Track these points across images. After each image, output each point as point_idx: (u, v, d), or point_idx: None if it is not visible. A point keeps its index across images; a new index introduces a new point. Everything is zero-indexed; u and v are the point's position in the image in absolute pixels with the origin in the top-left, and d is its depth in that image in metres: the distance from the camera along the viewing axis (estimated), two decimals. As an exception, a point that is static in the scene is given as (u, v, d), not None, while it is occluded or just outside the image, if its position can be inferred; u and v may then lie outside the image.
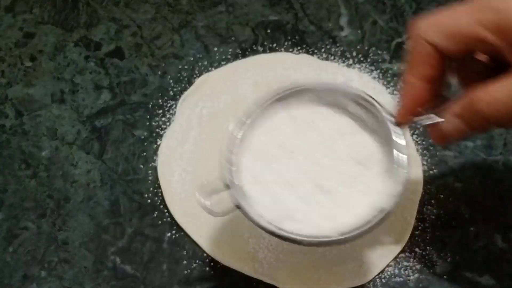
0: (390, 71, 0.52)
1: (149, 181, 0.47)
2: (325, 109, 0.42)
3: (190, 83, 0.52)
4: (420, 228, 0.45)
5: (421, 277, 0.43)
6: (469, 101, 0.36)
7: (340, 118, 0.42)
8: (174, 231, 0.45)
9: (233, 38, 0.55)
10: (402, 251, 0.44)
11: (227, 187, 0.37)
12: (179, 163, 0.48)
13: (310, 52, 0.54)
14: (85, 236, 0.45)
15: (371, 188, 0.39)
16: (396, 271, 0.43)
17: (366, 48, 0.54)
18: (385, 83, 0.52)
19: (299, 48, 0.54)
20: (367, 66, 0.52)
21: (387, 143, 0.40)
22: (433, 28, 0.37)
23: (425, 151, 0.48)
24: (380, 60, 0.53)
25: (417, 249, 0.44)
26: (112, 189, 0.47)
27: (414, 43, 0.38)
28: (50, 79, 0.53)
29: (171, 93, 0.52)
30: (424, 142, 0.48)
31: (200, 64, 0.53)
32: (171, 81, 0.53)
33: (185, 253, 0.44)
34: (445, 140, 0.38)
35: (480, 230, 0.44)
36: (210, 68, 0.53)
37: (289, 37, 0.55)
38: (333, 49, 0.54)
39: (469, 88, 0.36)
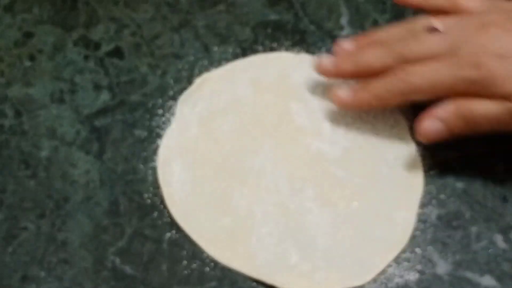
0: (390, 71, 0.52)
1: (149, 181, 0.47)
2: None
3: (190, 83, 0.52)
4: (420, 228, 0.45)
5: (421, 277, 0.43)
6: (457, 109, 0.42)
7: None
8: (174, 231, 0.45)
9: (233, 38, 0.55)
10: (403, 251, 0.44)
11: None
12: (179, 163, 0.47)
13: (311, 52, 0.53)
14: (85, 236, 0.45)
15: None
16: (397, 271, 0.43)
17: (367, 47, 0.54)
18: (386, 83, 0.51)
19: (299, 47, 0.54)
20: (368, 66, 0.52)
21: None
22: None
23: (425, 151, 0.48)
24: (380, 60, 0.53)
25: (417, 249, 0.44)
26: (112, 189, 0.47)
27: None
28: (50, 79, 0.53)
29: (171, 93, 0.52)
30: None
31: (200, 64, 0.53)
32: (171, 81, 0.52)
33: (185, 253, 0.44)
34: (426, 138, 0.44)
35: (481, 230, 0.44)
36: (210, 68, 0.53)
37: (289, 37, 0.55)
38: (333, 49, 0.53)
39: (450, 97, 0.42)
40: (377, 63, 0.45)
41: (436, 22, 0.44)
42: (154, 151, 0.49)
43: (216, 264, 0.44)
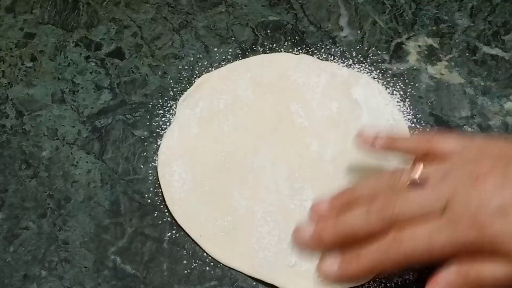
0: (389, 71, 0.52)
1: (149, 181, 0.48)
2: None
3: (190, 83, 0.52)
4: (419, 228, 0.45)
5: (420, 276, 0.43)
6: (464, 278, 0.36)
7: None
8: (174, 231, 0.45)
9: (233, 38, 0.55)
10: (402, 250, 0.44)
11: None
12: (179, 163, 0.48)
13: (310, 52, 0.54)
14: (86, 236, 0.45)
15: None
16: (396, 271, 0.43)
17: (366, 48, 0.54)
18: (385, 83, 0.52)
19: (299, 48, 0.54)
20: (367, 66, 0.53)
21: None
22: None
23: (424, 151, 0.48)
24: (379, 60, 0.53)
25: (416, 249, 0.44)
26: (113, 189, 0.47)
27: None
28: (51, 79, 0.53)
29: (171, 93, 0.52)
30: (423, 142, 0.48)
31: (200, 64, 0.53)
32: (171, 81, 0.53)
33: (185, 253, 0.44)
34: None
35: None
36: (210, 68, 0.53)
37: (289, 37, 0.55)
38: (333, 49, 0.54)
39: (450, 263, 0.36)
40: (362, 229, 0.39)
41: (417, 174, 0.38)
42: (155, 151, 0.49)
43: (216, 264, 0.44)
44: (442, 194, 0.37)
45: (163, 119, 0.51)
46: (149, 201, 0.47)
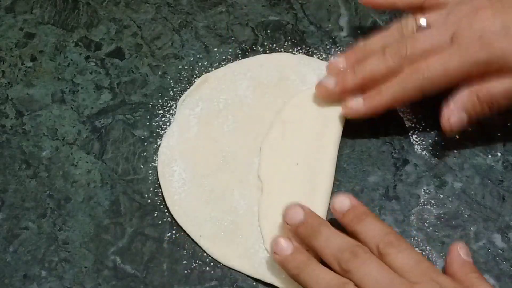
0: (389, 71, 0.52)
1: (149, 181, 0.48)
2: None
3: (190, 83, 0.52)
4: (419, 227, 0.45)
5: (420, 276, 0.43)
6: (476, 96, 0.43)
7: None
8: (174, 231, 0.45)
9: (233, 38, 0.55)
10: (402, 251, 0.44)
11: None
12: (179, 163, 0.48)
13: (310, 52, 0.54)
14: (86, 236, 0.45)
15: None
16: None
17: (366, 48, 0.54)
18: (385, 83, 0.52)
19: (299, 48, 0.54)
20: (367, 66, 0.53)
21: None
22: None
23: (424, 152, 0.48)
24: (379, 60, 0.53)
25: (417, 249, 0.44)
26: (113, 189, 0.47)
27: None
28: (51, 79, 0.53)
29: (171, 93, 0.52)
30: (424, 142, 0.48)
31: (200, 64, 0.53)
32: (171, 81, 0.53)
33: (185, 253, 0.44)
34: (452, 131, 0.44)
35: (479, 230, 0.45)
36: (210, 68, 0.53)
37: (289, 37, 0.55)
38: (333, 49, 0.54)
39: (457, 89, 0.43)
40: (382, 69, 0.45)
41: (423, 19, 0.45)
42: (155, 151, 0.49)
43: (216, 264, 0.44)
44: (449, 27, 0.43)
45: (163, 119, 0.51)
46: (149, 201, 0.47)
